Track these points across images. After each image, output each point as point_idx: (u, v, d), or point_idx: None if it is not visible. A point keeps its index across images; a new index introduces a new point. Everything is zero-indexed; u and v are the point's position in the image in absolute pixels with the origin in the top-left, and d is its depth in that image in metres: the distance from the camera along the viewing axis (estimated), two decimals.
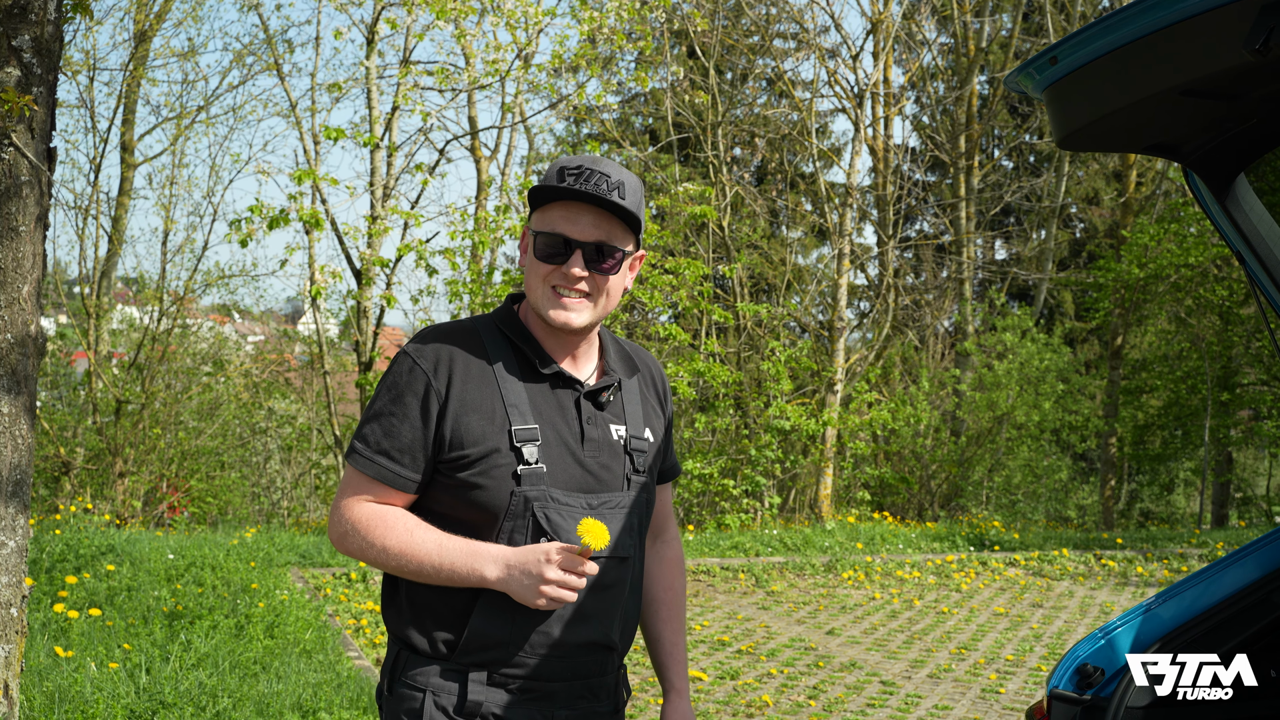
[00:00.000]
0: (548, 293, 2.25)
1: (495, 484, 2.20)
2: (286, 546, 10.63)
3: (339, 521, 2.27)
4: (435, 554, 2.18)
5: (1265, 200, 2.82)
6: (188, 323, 18.79)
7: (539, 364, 2.28)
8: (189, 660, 5.94)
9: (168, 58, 17.62)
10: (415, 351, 2.26)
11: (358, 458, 2.25)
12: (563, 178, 2.22)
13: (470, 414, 2.21)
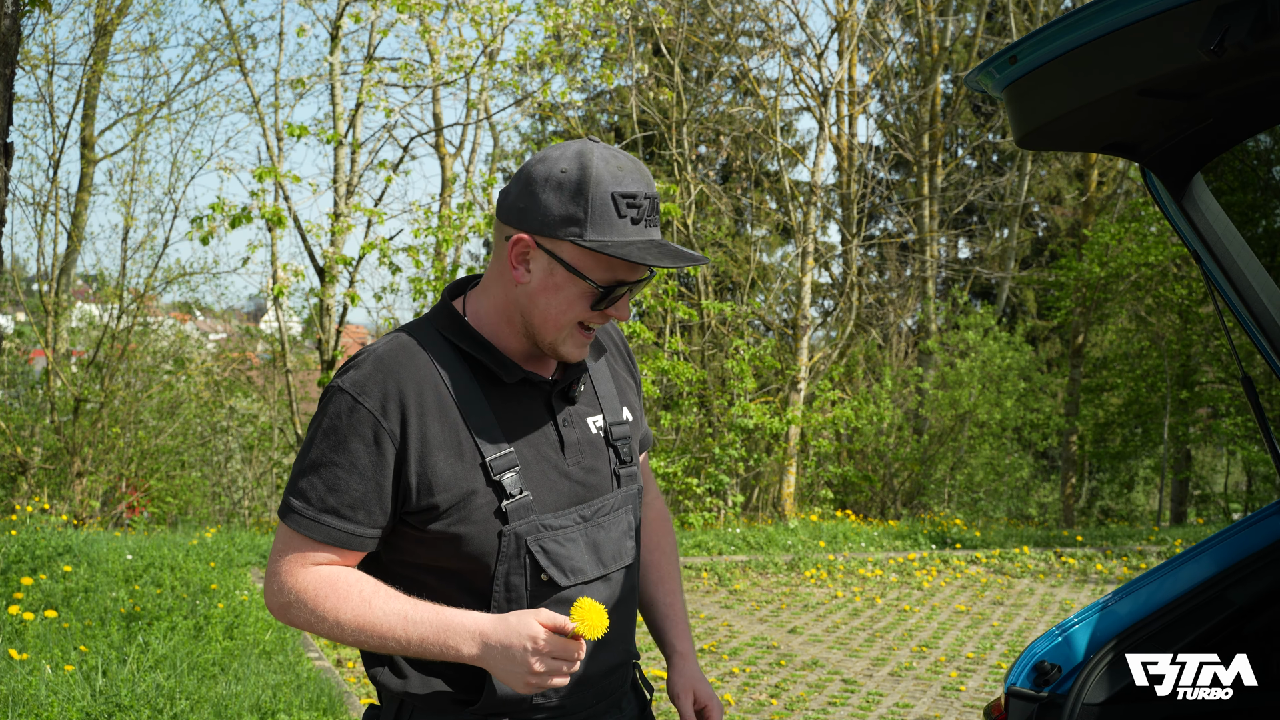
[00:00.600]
0: (574, 329, 1.97)
1: (478, 529, 1.92)
2: (247, 546, 10.55)
3: (279, 591, 1.93)
4: (400, 628, 1.88)
5: (1222, 200, 2.84)
6: (148, 320, 18.63)
7: (500, 373, 1.99)
8: (146, 662, 5.88)
9: (129, 52, 17.47)
10: (354, 386, 1.91)
11: (298, 518, 1.91)
12: (622, 211, 1.89)
13: (434, 453, 1.91)
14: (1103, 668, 2.79)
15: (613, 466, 2.11)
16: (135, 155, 17.61)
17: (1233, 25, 1.83)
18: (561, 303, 1.94)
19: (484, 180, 14.89)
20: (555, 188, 1.90)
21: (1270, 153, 2.89)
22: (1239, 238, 2.78)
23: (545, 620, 1.85)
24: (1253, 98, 2.34)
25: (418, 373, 1.93)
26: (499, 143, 21.26)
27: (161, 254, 17.29)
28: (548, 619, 1.86)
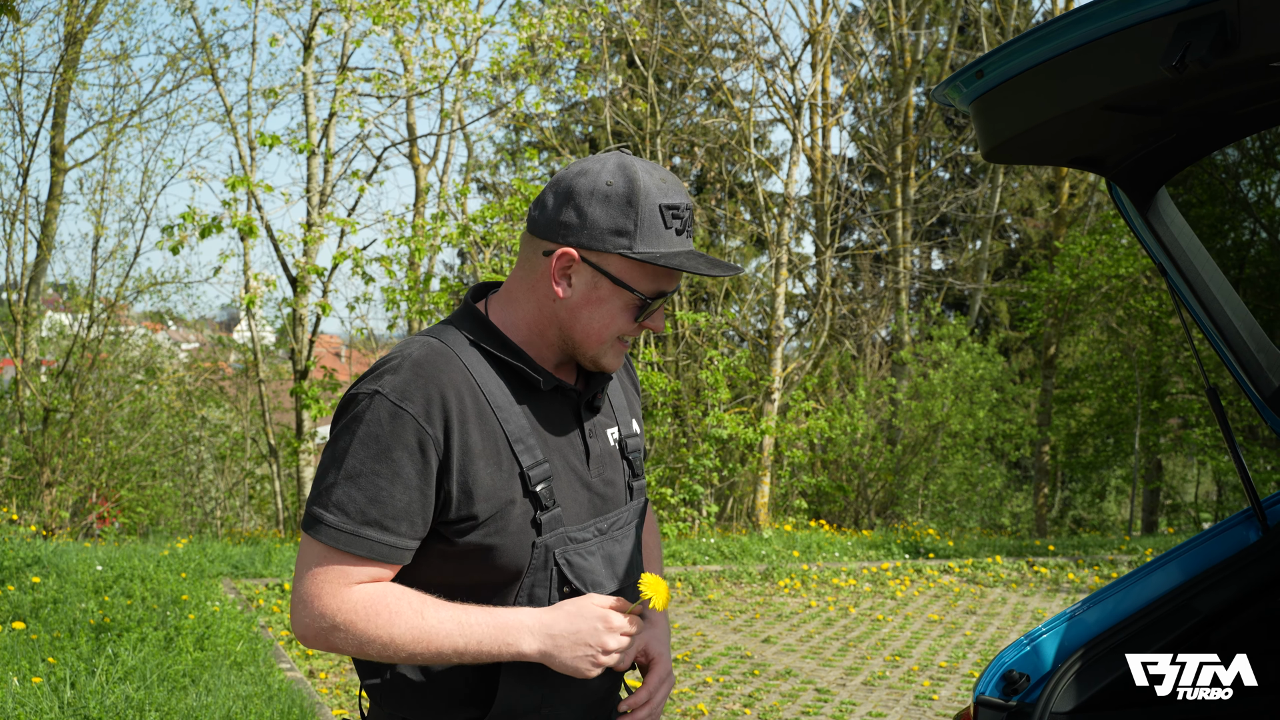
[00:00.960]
0: (613, 341, 1.97)
1: (513, 540, 1.89)
2: (219, 557, 10.49)
3: (321, 615, 1.83)
4: (458, 635, 1.83)
5: (1191, 213, 2.87)
6: (119, 330, 18.51)
7: (534, 381, 1.95)
8: (116, 674, 5.83)
9: (99, 61, 17.39)
10: (395, 391, 1.83)
11: (335, 533, 1.81)
12: (668, 221, 1.90)
13: (475, 462, 1.85)
14: (1070, 676, 2.81)
15: (626, 479, 2.10)
16: (106, 164, 17.51)
17: (1193, 42, 1.85)
18: (605, 316, 1.93)
19: (457, 190, 14.88)
20: (603, 200, 1.90)
21: (1238, 166, 2.93)
22: (1203, 251, 2.81)
23: (604, 601, 1.88)
24: (1215, 113, 2.37)
25: (456, 378, 1.88)
26: (473, 153, 21.24)
27: (132, 263, 17.19)
28: (605, 600, 1.89)
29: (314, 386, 13.67)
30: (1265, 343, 2.86)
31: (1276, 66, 1.94)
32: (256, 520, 20.27)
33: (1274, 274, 3.14)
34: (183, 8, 15.02)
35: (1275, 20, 1.81)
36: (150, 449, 18.11)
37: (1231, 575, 2.90)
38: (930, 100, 23.52)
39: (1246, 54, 1.85)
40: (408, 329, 17.26)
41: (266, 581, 9.96)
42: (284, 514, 15.93)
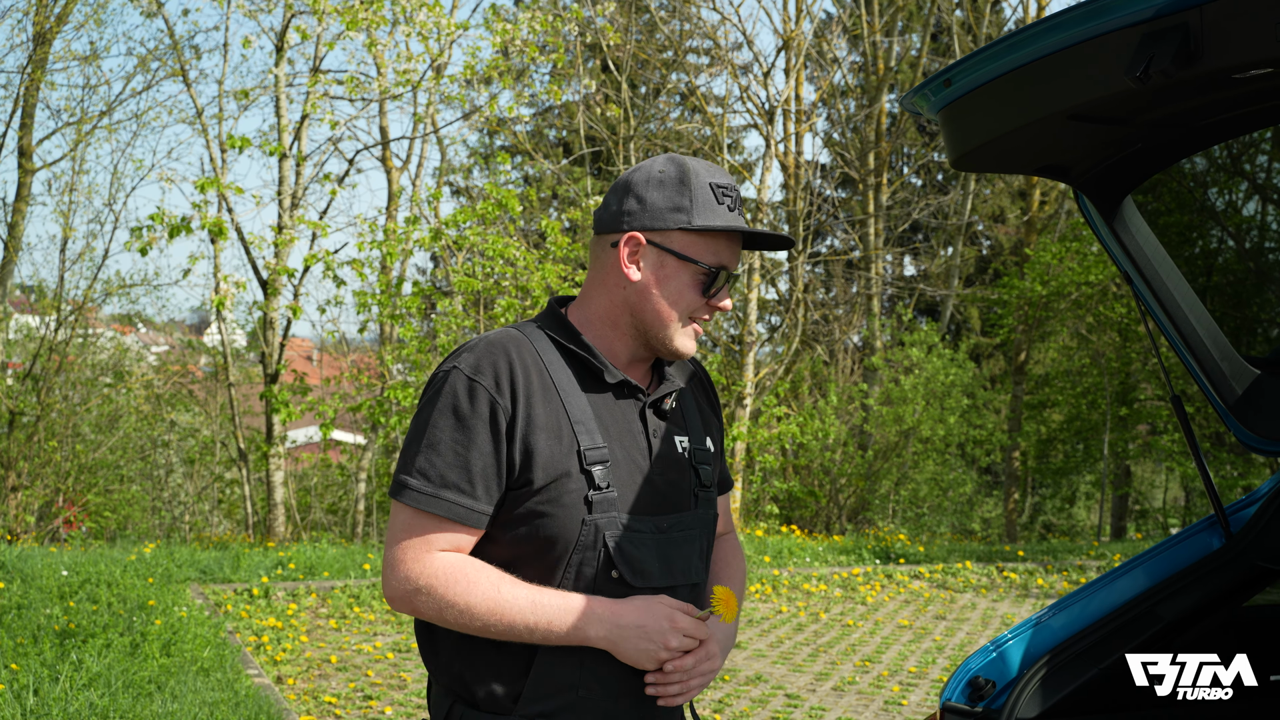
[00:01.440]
0: (686, 325, 2.09)
1: (565, 512, 1.99)
2: (187, 562, 10.41)
3: (406, 579, 1.98)
4: (530, 612, 1.95)
5: (1160, 221, 2.90)
6: (88, 332, 18.35)
7: (603, 374, 2.07)
8: (80, 680, 5.78)
9: (68, 61, 17.20)
10: (470, 367, 1.99)
11: (418, 495, 1.97)
12: (719, 198, 2.05)
13: (538, 433, 1.98)
14: (1036, 682, 2.82)
15: (693, 486, 2.16)
16: (75, 165, 17.34)
17: (1157, 53, 1.87)
18: (673, 292, 2.07)
19: (430, 194, 14.85)
20: (658, 185, 2.08)
21: (1206, 175, 2.95)
22: (1168, 259, 2.84)
23: (674, 603, 1.99)
24: (1178, 123, 2.39)
25: (525, 358, 2.03)
26: (446, 156, 21.21)
27: (101, 265, 17.04)
28: (675, 602, 1.99)
29: (284, 390, 13.60)
30: (1229, 350, 2.88)
31: (1239, 78, 1.96)
32: (226, 525, 20.13)
33: (1241, 282, 3.17)
34: (149, 11, 14.90)
35: (1237, 33, 1.83)
36: (118, 453, 17.96)
37: (1195, 582, 2.93)
38: (904, 109, 23.65)
39: (1209, 65, 1.87)
40: (379, 333, 17.20)
41: (235, 586, 9.90)
42: (253, 518, 15.84)
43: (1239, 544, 2.95)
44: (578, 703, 2.02)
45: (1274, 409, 2.83)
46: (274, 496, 14.64)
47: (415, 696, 6.98)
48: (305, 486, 19.57)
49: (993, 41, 2.20)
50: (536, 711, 2.01)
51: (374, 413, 13.38)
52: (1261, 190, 2.96)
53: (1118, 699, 2.87)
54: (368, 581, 10.19)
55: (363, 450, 18.18)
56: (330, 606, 9.55)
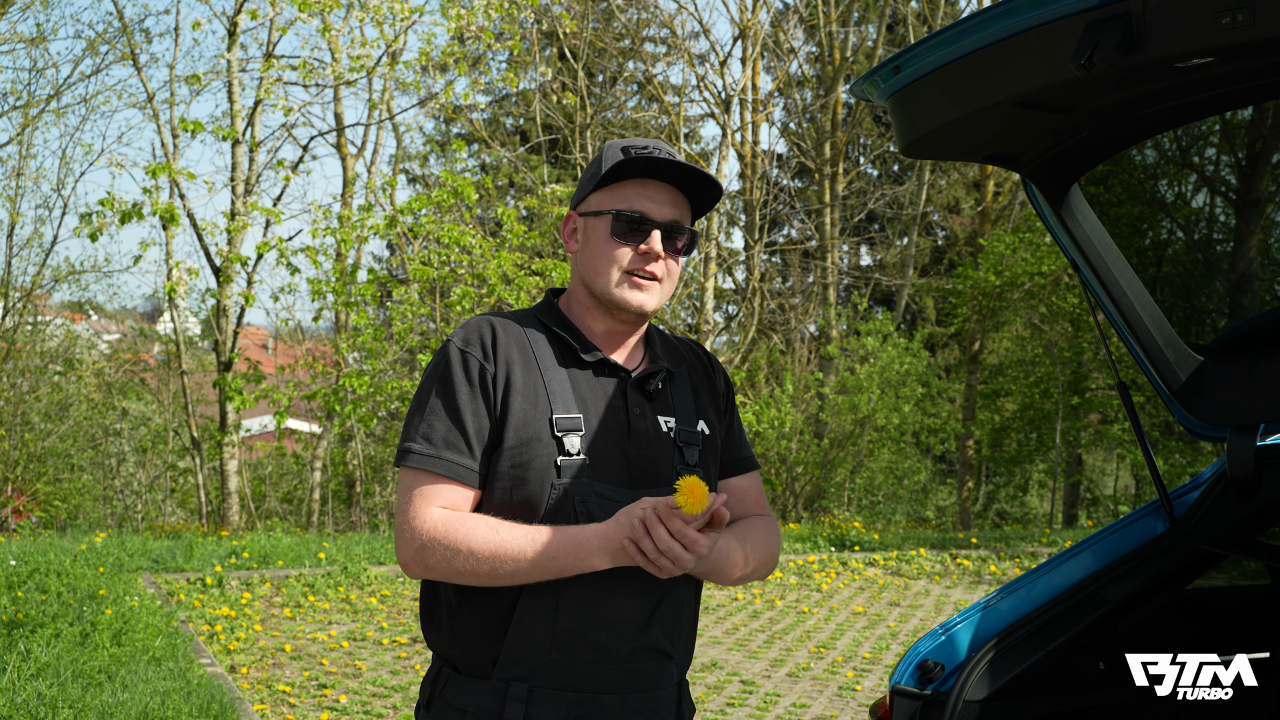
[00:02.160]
0: (620, 275, 2.16)
1: (535, 475, 2.08)
2: (138, 551, 10.32)
3: (411, 536, 2.07)
4: (530, 547, 2.02)
5: (1111, 212, 2.93)
6: (37, 319, 18.11)
7: (581, 350, 2.18)
8: (28, 671, 5.72)
9: (14, 43, 16.94)
10: (460, 340, 2.15)
11: (419, 457, 2.09)
12: (630, 154, 2.15)
13: (515, 395, 2.11)
14: (984, 665, 2.86)
15: (675, 464, 2.19)
16: (22, 149, 17.10)
17: (1101, 41, 1.89)
18: (595, 247, 2.18)
19: (385, 181, 14.75)
20: (586, 167, 2.27)
21: (1156, 167, 2.99)
22: (1114, 247, 2.87)
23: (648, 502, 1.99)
24: (1123, 111, 2.42)
25: (511, 333, 2.18)
26: (402, 143, 21.08)
27: (50, 251, 16.83)
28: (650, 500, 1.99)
29: (238, 378, 13.48)
30: (1173, 338, 2.92)
31: (1182, 67, 1.99)
32: (179, 514, 19.96)
33: (1190, 272, 3.21)
34: None
35: (1179, 22, 1.85)
36: (68, 441, 17.75)
37: (1139, 565, 2.97)
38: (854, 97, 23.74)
39: (1152, 53, 1.90)
40: (335, 320, 17.09)
41: (188, 576, 9.82)
42: (207, 508, 15.70)
43: (1182, 528, 2.99)
44: (552, 665, 2.07)
45: (1215, 395, 2.88)
46: (228, 485, 14.53)
47: (370, 685, 6.96)
48: (260, 475, 19.44)
49: (941, 29, 2.22)
50: (513, 675, 2.07)
51: (329, 401, 13.30)
52: (1209, 182, 3.00)
53: (1064, 681, 2.91)
54: (322, 570, 10.14)
55: (318, 439, 18.07)
56: (285, 595, 9.50)
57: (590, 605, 2.07)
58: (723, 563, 2.18)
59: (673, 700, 2.19)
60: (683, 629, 2.20)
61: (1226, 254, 3.13)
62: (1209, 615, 3.22)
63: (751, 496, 2.37)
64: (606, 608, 2.08)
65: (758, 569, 2.28)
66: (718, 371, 2.39)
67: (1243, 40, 1.80)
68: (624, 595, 2.09)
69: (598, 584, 2.07)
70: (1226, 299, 3.14)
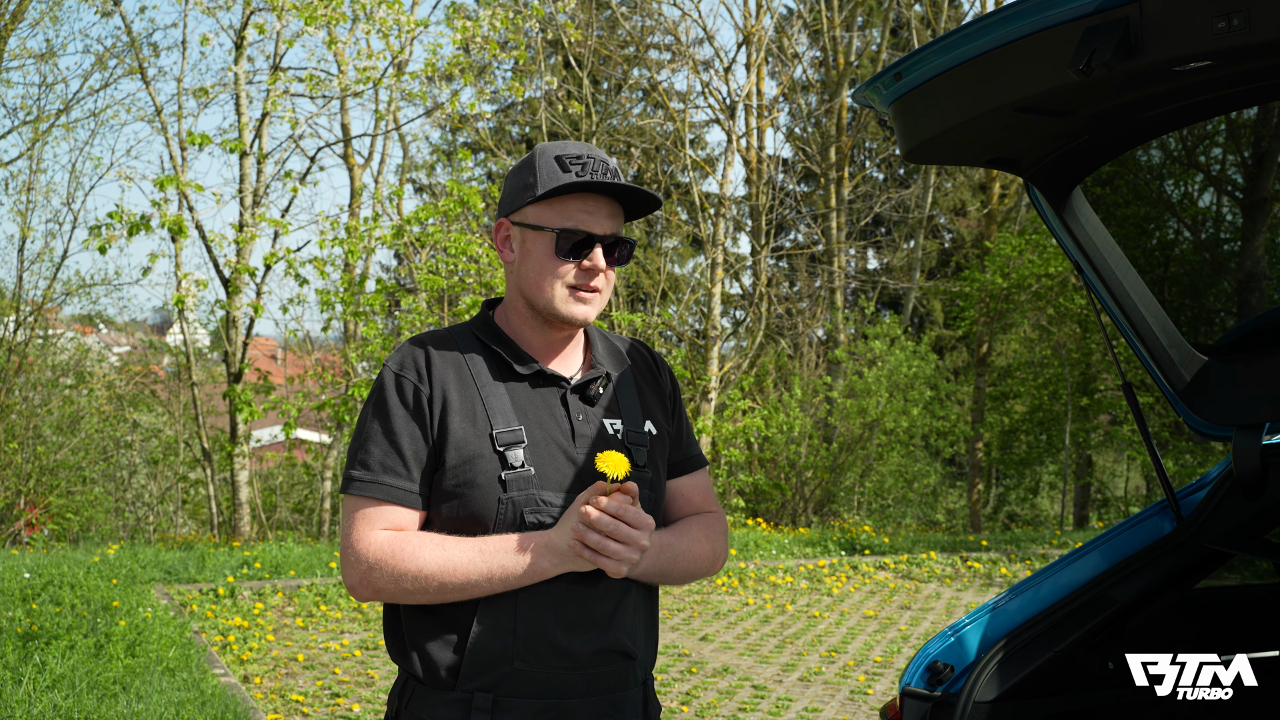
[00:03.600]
0: (563, 291, 2.16)
1: (480, 492, 2.09)
2: (151, 562, 10.35)
3: (356, 561, 2.08)
4: (480, 560, 2.04)
5: (1117, 213, 2.95)
6: (48, 333, 18.18)
7: (516, 365, 2.18)
8: (43, 682, 5.75)
9: (24, 59, 17.03)
10: (395, 364, 2.16)
11: (359, 484, 2.11)
12: (566, 167, 2.15)
13: (453, 415, 2.11)
14: (993, 666, 2.87)
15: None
16: (32, 164, 17.17)
17: (1099, 46, 1.92)
18: (537, 262, 2.16)
19: (391, 191, 14.80)
20: (513, 173, 2.25)
21: (1162, 167, 3.01)
22: (1117, 249, 2.89)
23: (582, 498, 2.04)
24: (1122, 115, 2.44)
25: (445, 351, 2.19)
26: (408, 154, 21.12)
27: (60, 265, 16.89)
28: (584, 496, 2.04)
29: (247, 389, 13.53)
30: (1177, 338, 2.94)
31: (1179, 71, 2.01)
32: (190, 525, 20.00)
33: (1197, 272, 3.22)
34: (105, 10, 14.77)
35: (1175, 27, 1.87)
36: (80, 454, 17.80)
37: (1147, 565, 2.98)
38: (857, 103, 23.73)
39: (1150, 58, 1.92)
40: (343, 331, 17.13)
41: (200, 586, 9.85)
42: (218, 518, 15.75)
43: (1189, 527, 3.01)
44: (515, 674, 2.07)
45: (1220, 394, 2.89)
46: (239, 496, 14.57)
47: (383, 694, 6.99)
48: (270, 486, 19.48)
49: (942, 35, 2.24)
50: (478, 685, 2.07)
51: (338, 411, 13.34)
52: (1215, 181, 3.02)
53: (1073, 681, 2.93)
54: (334, 580, 10.17)
55: (328, 449, 18.09)
56: (297, 605, 9.53)
57: (550, 610, 2.09)
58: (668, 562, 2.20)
59: (639, 700, 2.20)
60: (644, 629, 2.21)
61: (1233, 253, 3.15)
62: (1217, 614, 3.24)
63: (700, 493, 2.39)
64: (567, 612, 2.09)
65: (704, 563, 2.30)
66: (663, 370, 2.40)
67: (1239, 44, 1.83)
68: (583, 598, 2.11)
69: (556, 589, 2.09)
70: (1234, 298, 3.15)
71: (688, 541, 2.26)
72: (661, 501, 2.28)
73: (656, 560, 2.17)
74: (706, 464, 2.44)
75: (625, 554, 2.02)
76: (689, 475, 2.38)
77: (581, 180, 2.12)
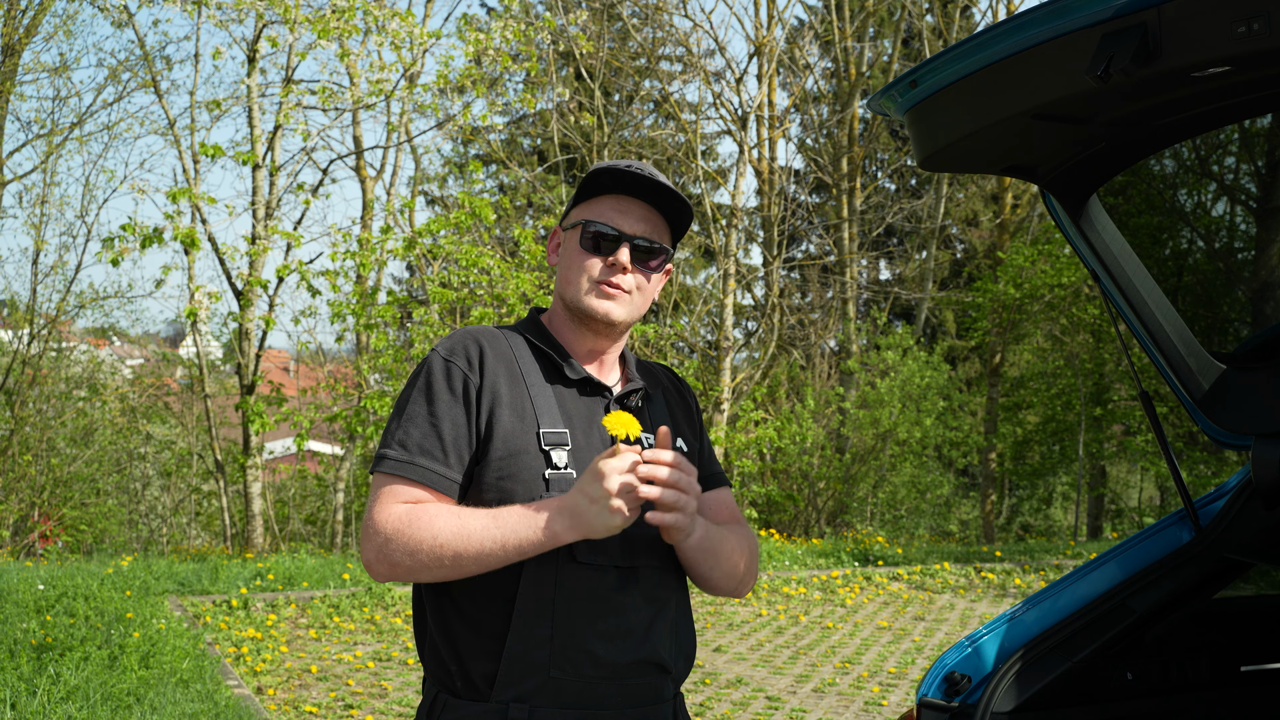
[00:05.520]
0: (591, 285, 2.18)
1: (523, 487, 2.06)
2: (164, 574, 10.37)
3: (374, 534, 2.04)
4: (494, 527, 1.99)
5: (1131, 223, 2.93)
6: (61, 346, 18.25)
7: (566, 369, 2.19)
8: (58, 694, 5.75)
9: (38, 73, 17.12)
10: (446, 350, 2.15)
11: (393, 463, 2.07)
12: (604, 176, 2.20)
13: (502, 408, 2.10)
14: (1011, 677, 2.85)
15: None
16: (46, 177, 17.26)
17: (1117, 52, 1.90)
18: (568, 258, 2.22)
19: (404, 203, 14.83)
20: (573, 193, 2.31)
21: (1175, 176, 2.99)
22: (1134, 257, 2.87)
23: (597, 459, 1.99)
24: (1140, 122, 2.42)
25: (498, 346, 2.19)
26: (420, 165, 21.19)
27: (74, 278, 16.96)
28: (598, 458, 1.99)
29: (260, 402, 13.55)
30: (1195, 346, 2.92)
31: (1198, 76, 2.00)
32: (203, 537, 20.04)
33: (1211, 281, 3.21)
34: (119, 21, 14.85)
35: (1194, 31, 1.86)
36: (94, 466, 17.86)
37: (1165, 575, 2.96)
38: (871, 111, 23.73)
39: (1168, 64, 1.91)
40: (355, 342, 17.17)
41: (213, 598, 9.86)
42: (231, 530, 15.76)
43: (1208, 537, 2.99)
44: (551, 684, 2.03)
45: (1239, 403, 2.87)
46: (252, 508, 14.58)
47: (396, 705, 6.98)
48: (283, 498, 19.51)
49: (958, 43, 2.23)
50: (512, 695, 2.02)
51: (351, 423, 13.35)
52: (1229, 190, 3.00)
53: (1092, 692, 2.90)
54: (347, 591, 10.17)
55: (340, 461, 18.12)
56: (310, 617, 9.53)
57: (587, 618, 2.05)
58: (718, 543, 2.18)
59: (669, 715, 2.17)
60: (680, 642, 2.19)
61: (1248, 262, 3.13)
62: (1236, 624, 3.21)
63: (727, 510, 2.35)
64: (605, 621, 2.06)
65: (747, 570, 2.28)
66: (687, 392, 2.43)
67: (1259, 49, 1.81)
68: (620, 607, 2.07)
69: (594, 597, 2.05)
70: (1249, 307, 3.13)
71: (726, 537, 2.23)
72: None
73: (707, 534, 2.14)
74: (729, 483, 2.42)
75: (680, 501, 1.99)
76: (713, 491, 2.35)
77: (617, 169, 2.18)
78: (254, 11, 13.38)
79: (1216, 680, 3.01)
